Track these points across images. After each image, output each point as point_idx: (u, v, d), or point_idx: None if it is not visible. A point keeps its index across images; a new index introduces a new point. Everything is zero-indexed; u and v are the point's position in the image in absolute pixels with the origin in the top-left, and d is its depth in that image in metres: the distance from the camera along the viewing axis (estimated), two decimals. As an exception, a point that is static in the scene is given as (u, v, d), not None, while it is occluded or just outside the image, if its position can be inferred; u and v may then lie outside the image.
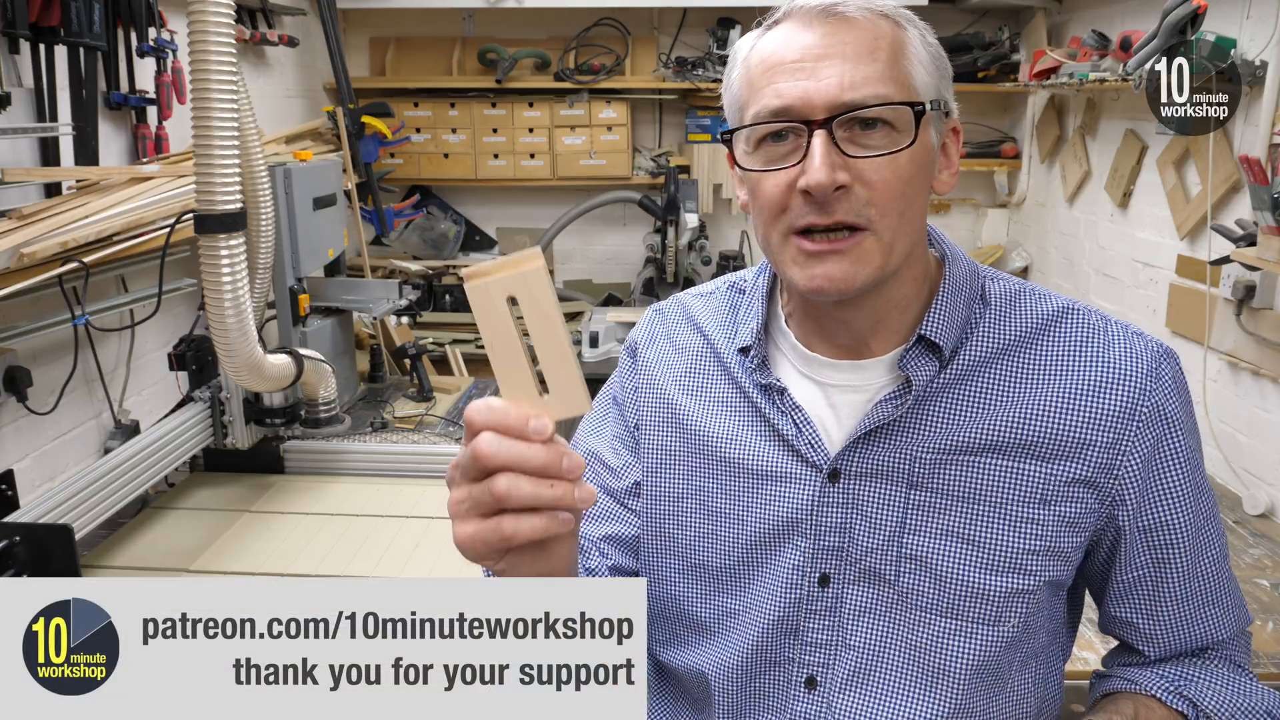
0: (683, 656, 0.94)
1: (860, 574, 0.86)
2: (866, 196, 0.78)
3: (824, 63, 0.78)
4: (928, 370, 0.85)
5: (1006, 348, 0.86)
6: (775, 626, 0.88)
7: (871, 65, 0.78)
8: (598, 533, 0.97)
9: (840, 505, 0.86)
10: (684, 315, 0.99)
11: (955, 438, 0.84)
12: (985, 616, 0.84)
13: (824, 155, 0.76)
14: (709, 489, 0.92)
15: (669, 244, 3.76)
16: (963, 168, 3.86)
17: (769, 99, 0.79)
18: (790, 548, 0.88)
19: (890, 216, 0.79)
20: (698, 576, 0.92)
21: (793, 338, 0.91)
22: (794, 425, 0.88)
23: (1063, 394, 0.84)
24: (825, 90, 0.77)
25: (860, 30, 0.79)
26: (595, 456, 1.00)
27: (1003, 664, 0.86)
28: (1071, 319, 0.87)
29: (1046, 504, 0.83)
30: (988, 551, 0.84)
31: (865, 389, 0.87)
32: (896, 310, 0.86)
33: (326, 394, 2.44)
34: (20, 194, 2.02)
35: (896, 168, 0.78)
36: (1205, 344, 2.43)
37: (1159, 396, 0.84)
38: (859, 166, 0.78)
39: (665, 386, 0.96)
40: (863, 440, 0.85)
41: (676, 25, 3.99)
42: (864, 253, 0.79)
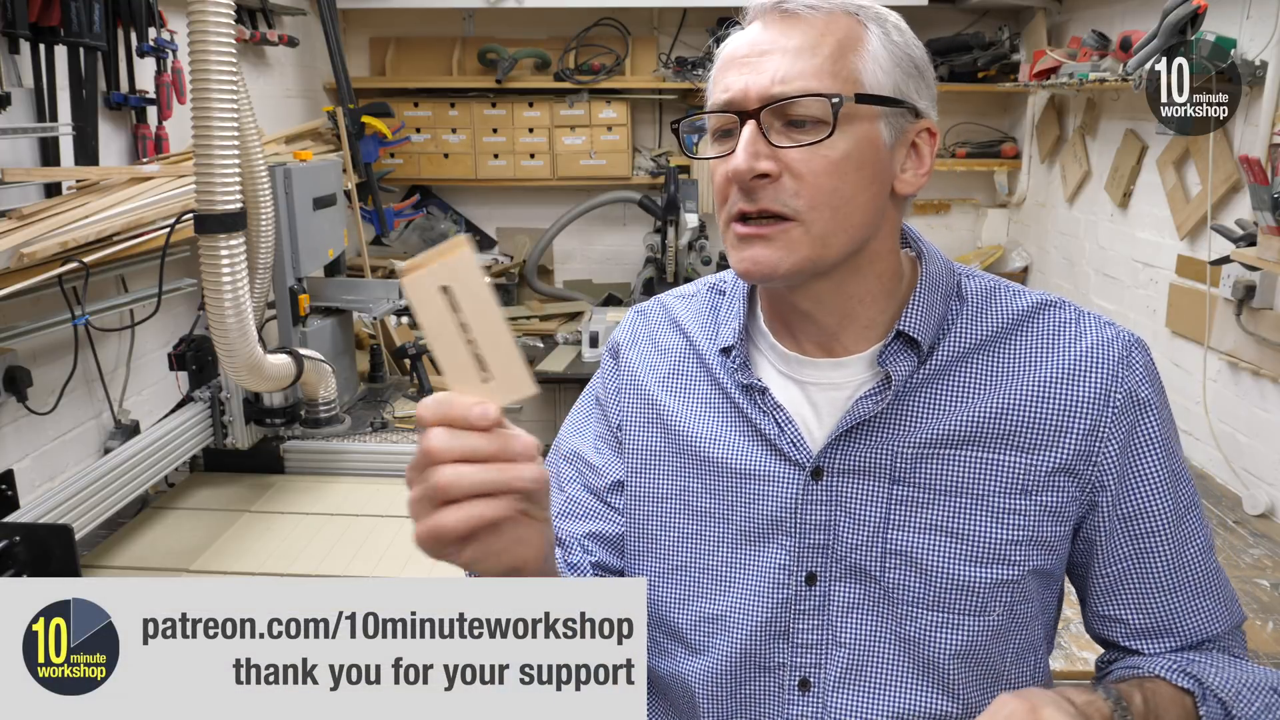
0: (663, 664, 0.93)
1: (846, 571, 0.87)
2: (794, 187, 0.80)
3: (766, 58, 0.81)
4: (906, 366, 0.86)
5: (983, 342, 0.87)
6: (764, 629, 0.88)
7: (810, 60, 0.80)
8: (581, 530, 0.97)
9: (824, 503, 0.87)
10: (666, 316, 1.00)
11: (935, 432, 0.85)
12: (970, 607, 0.85)
13: (747, 143, 0.79)
14: (692, 489, 0.92)
15: (669, 244, 3.76)
16: (963, 168, 3.91)
17: (718, 93, 0.84)
18: (775, 547, 0.88)
19: (821, 209, 0.80)
20: (677, 580, 0.92)
21: (771, 337, 0.92)
22: (776, 424, 0.88)
23: (1038, 384, 0.85)
24: (760, 83, 0.80)
25: (807, 26, 0.81)
26: (578, 456, 1.00)
27: (993, 654, 0.86)
28: (1046, 313, 0.89)
29: (1028, 494, 0.84)
30: (971, 543, 0.84)
31: (845, 386, 0.88)
32: (863, 306, 0.87)
33: (326, 394, 2.44)
34: (20, 194, 2.02)
35: (827, 161, 0.80)
36: (1205, 344, 2.43)
37: (1131, 383, 0.85)
38: (787, 157, 0.80)
39: (648, 387, 0.97)
40: (844, 437, 0.86)
41: (676, 25, 3.99)
42: (791, 241, 0.81)
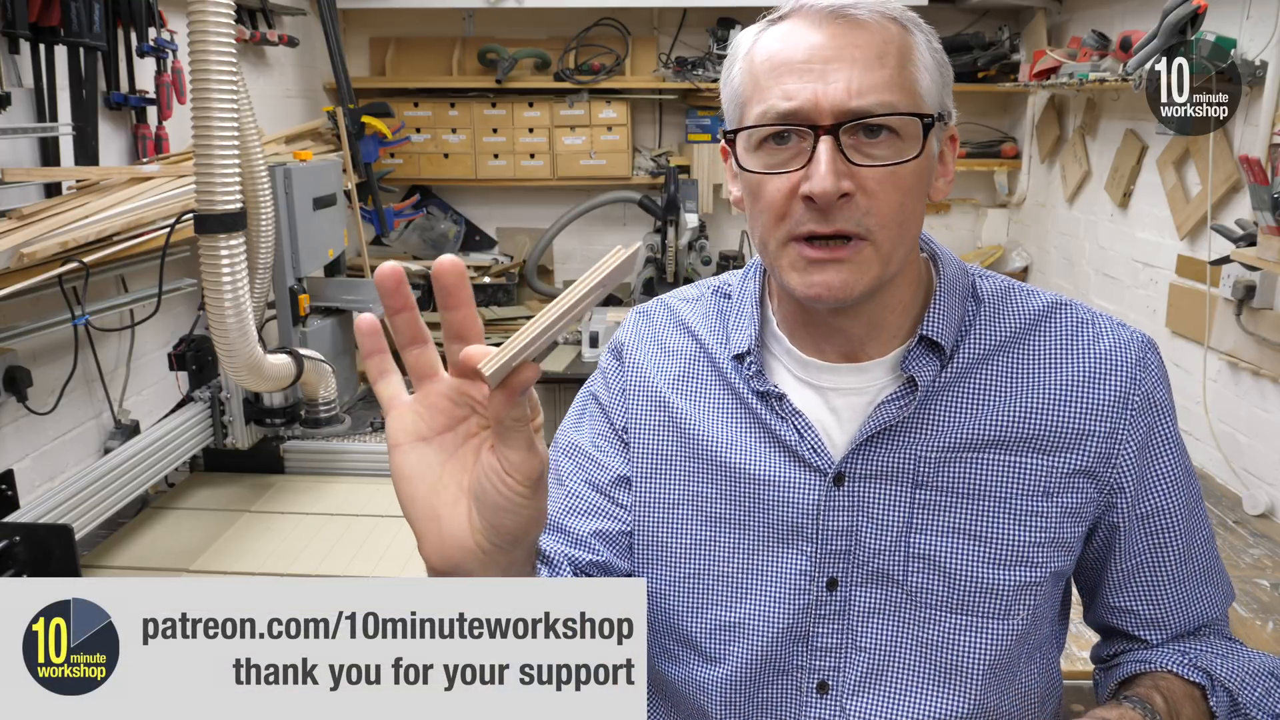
0: (674, 670, 0.92)
1: (868, 576, 0.86)
2: (866, 206, 0.77)
3: (832, 65, 0.76)
4: (930, 370, 0.85)
5: (1001, 345, 0.87)
6: (784, 634, 0.87)
7: (880, 71, 0.76)
8: (587, 528, 0.93)
9: (846, 509, 0.86)
10: (671, 318, 0.97)
11: (957, 435, 0.84)
12: (995, 611, 0.84)
13: (830, 163, 0.75)
14: (708, 494, 0.90)
15: (669, 244, 3.75)
16: (962, 168, 3.91)
17: (776, 100, 0.77)
18: (795, 553, 0.87)
19: (890, 227, 0.78)
20: (690, 587, 0.90)
21: (788, 342, 0.90)
22: (795, 431, 0.87)
23: (1059, 387, 0.85)
24: (833, 95, 0.75)
25: (870, 34, 0.77)
26: (578, 449, 0.97)
27: (1014, 657, 0.86)
28: (1060, 313, 0.89)
29: (1049, 496, 0.84)
30: (995, 546, 0.84)
31: (866, 391, 0.87)
32: (892, 314, 0.86)
33: (326, 394, 2.44)
34: (20, 194, 2.02)
35: (898, 179, 0.77)
36: (1205, 344, 2.43)
37: (1148, 385, 0.86)
38: (862, 175, 0.77)
39: (659, 388, 0.94)
40: (868, 443, 0.85)
41: (676, 25, 3.99)
42: (863, 261, 0.78)
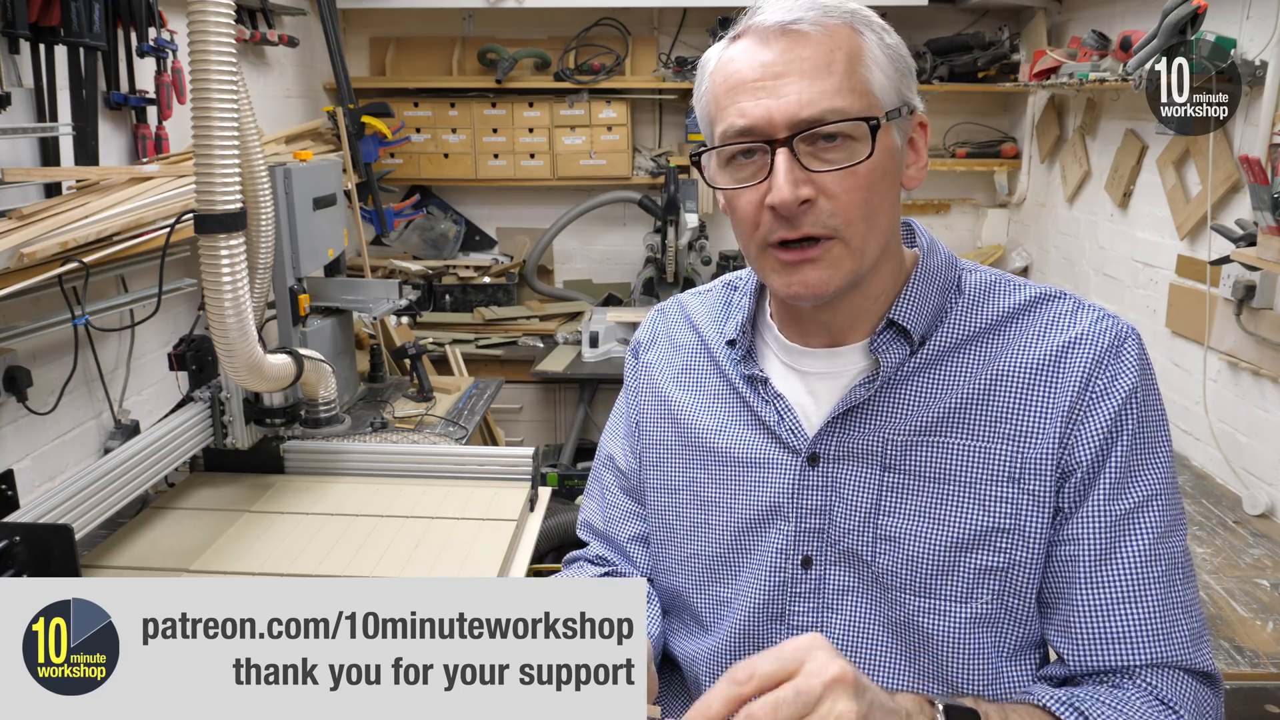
0: (684, 645, 0.99)
1: (840, 555, 0.89)
2: (831, 208, 0.81)
3: (782, 80, 0.80)
4: (897, 354, 0.87)
5: (978, 334, 0.88)
6: (761, 610, 0.91)
7: (828, 79, 0.80)
8: (625, 534, 1.04)
9: (820, 488, 0.89)
10: (682, 314, 1.05)
11: (925, 419, 0.87)
12: (954, 594, 0.86)
13: (786, 172, 0.80)
14: (702, 479, 0.96)
15: (669, 244, 3.76)
16: (962, 168, 3.91)
17: (733, 118, 0.82)
18: (774, 531, 0.91)
19: (857, 224, 0.82)
20: (694, 567, 0.97)
21: (776, 330, 0.95)
22: (776, 413, 0.92)
23: (1028, 371, 0.86)
24: (785, 108, 0.80)
25: (815, 45, 0.81)
26: (612, 460, 1.07)
27: (985, 646, 0.86)
28: (1045, 305, 0.89)
29: (1014, 481, 0.85)
30: (957, 530, 0.85)
31: (843, 374, 0.90)
32: (873, 303, 0.89)
33: (326, 394, 2.43)
34: (20, 194, 2.02)
35: (858, 178, 0.81)
36: (1205, 344, 2.43)
37: (1117, 370, 0.84)
38: (822, 180, 0.81)
39: (663, 384, 1.01)
40: (838, 423, 0.88)
41: (676, 25, 3.99)
42: (835, 259, 0.83)
